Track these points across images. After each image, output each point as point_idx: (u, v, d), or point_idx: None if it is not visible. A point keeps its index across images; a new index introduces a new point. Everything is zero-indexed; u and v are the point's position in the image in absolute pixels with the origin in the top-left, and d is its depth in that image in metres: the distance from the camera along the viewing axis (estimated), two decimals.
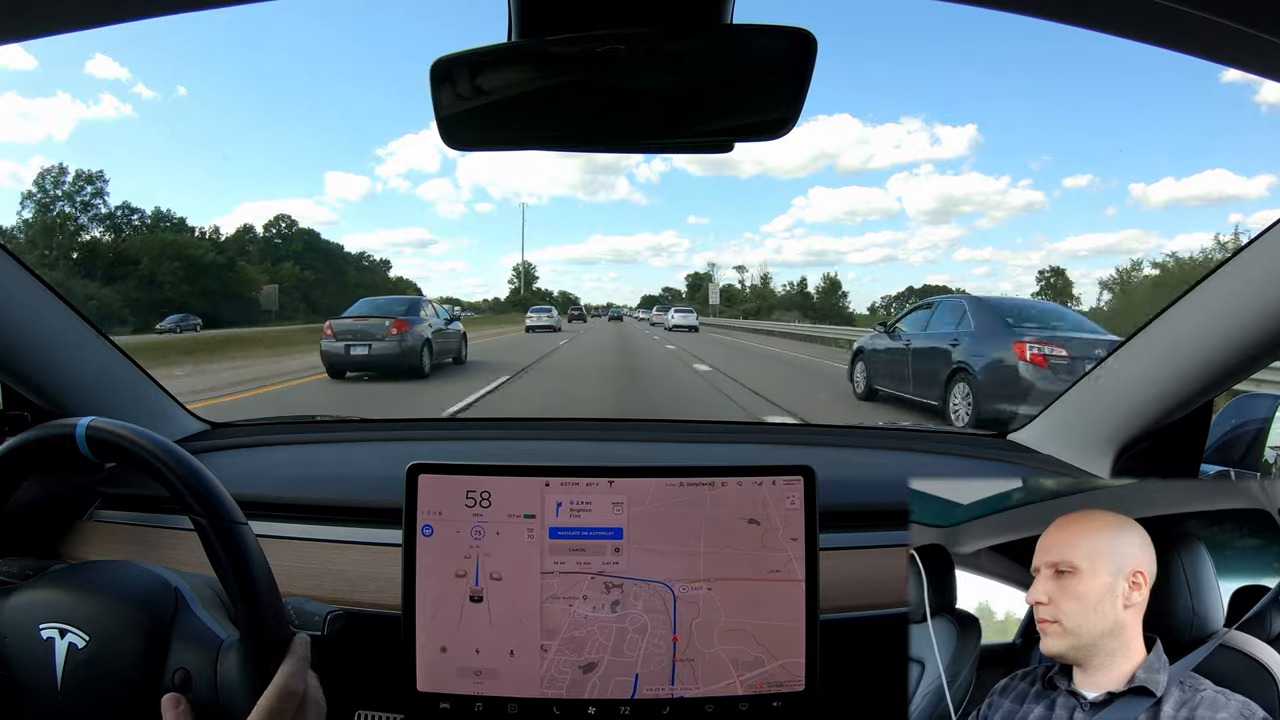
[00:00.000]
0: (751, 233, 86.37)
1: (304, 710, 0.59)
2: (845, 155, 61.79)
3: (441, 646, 0.70)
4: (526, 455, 1.17)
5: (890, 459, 1.21)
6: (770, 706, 0.70)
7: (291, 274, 38.69)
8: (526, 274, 68.43)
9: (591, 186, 69.95)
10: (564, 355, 13.79)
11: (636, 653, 0.70)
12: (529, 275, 68.91)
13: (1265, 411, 1.01)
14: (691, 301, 48.85)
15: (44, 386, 0.92)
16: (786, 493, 0.71)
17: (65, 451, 0.60)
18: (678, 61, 0.57)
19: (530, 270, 69.38)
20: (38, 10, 0.50)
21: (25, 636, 0.58)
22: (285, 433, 1.29)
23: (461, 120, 0.61)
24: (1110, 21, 0.49)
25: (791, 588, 0.71)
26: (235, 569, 0.58)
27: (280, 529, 0.88)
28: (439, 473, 0.71)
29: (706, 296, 55.83)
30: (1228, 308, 0.79)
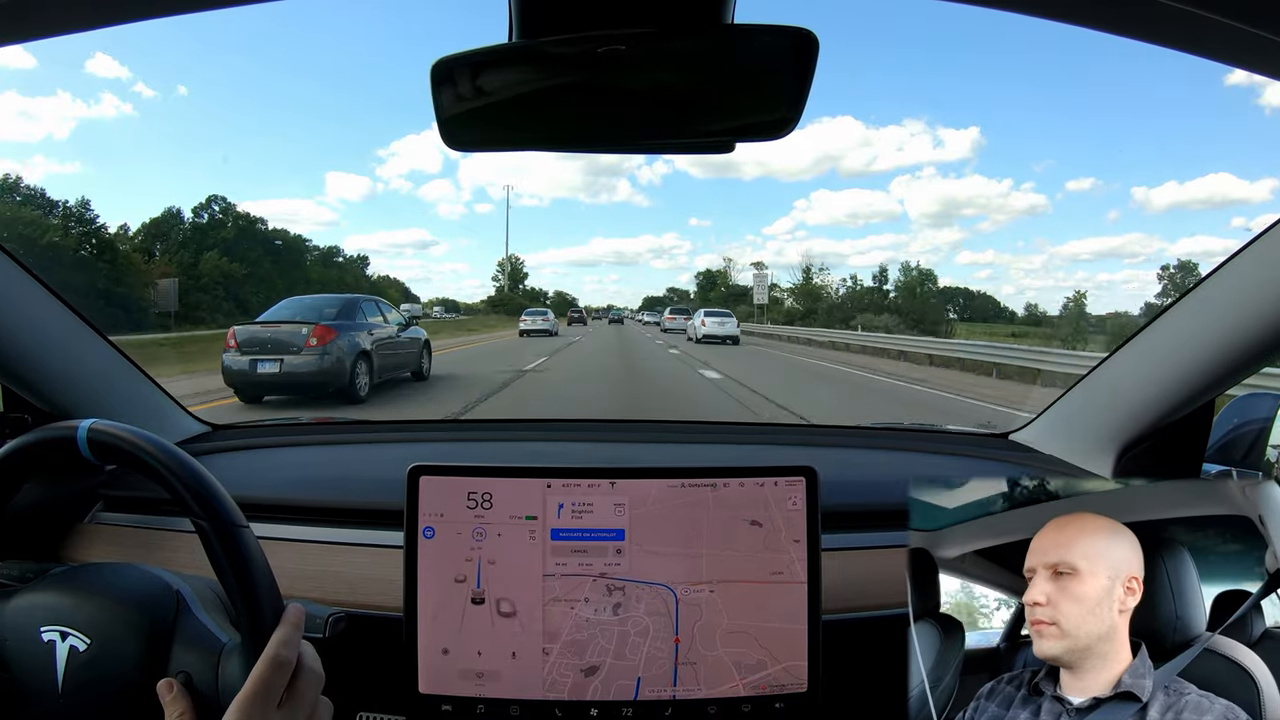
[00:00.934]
0: (753, 235, 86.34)
1: (298, 681, 0.57)
2: (848, 157, 61.65)
3: (443, 648, 0.69)
4: (528, 457, 1.17)
5: (892, 459, 1.21)
6: (773, 707, 0.70)
7: (215, 266, 30.00)
8: (514, 270, 58.58)
9: (593, 188, 69.58)
10: (552, 375, 10.45)
11: (638, 656, 0.69)
12: (516, 271, 58.81)
13: (1266, 411, 1.01)
14: (703, 304, 37.95)
15: (44, 389, 0.92)
16: (788, 493, 0.71)
17: (66, 454, 0.60)
18: (678, 61, 0.57)
19: (518, 266, 59.37)
20: (39, 12, 0.50)
21: (26, 639, 0.58)
22: (286, 435, 1.29)
23: (462, 121, 0.61)
24: (1113, 21, 0.49)
25: (794, 589, 0.70)
26: (236, 571, 0.58)
27: (281, 531, 0.88)
28: (440, 474, 0.71)
29: (721, 299, 43.63)
30: (1229, 308, 0.79)
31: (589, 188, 68.37)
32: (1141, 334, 0.94)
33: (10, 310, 0.85)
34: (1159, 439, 0.94)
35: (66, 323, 0.94)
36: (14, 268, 0.85)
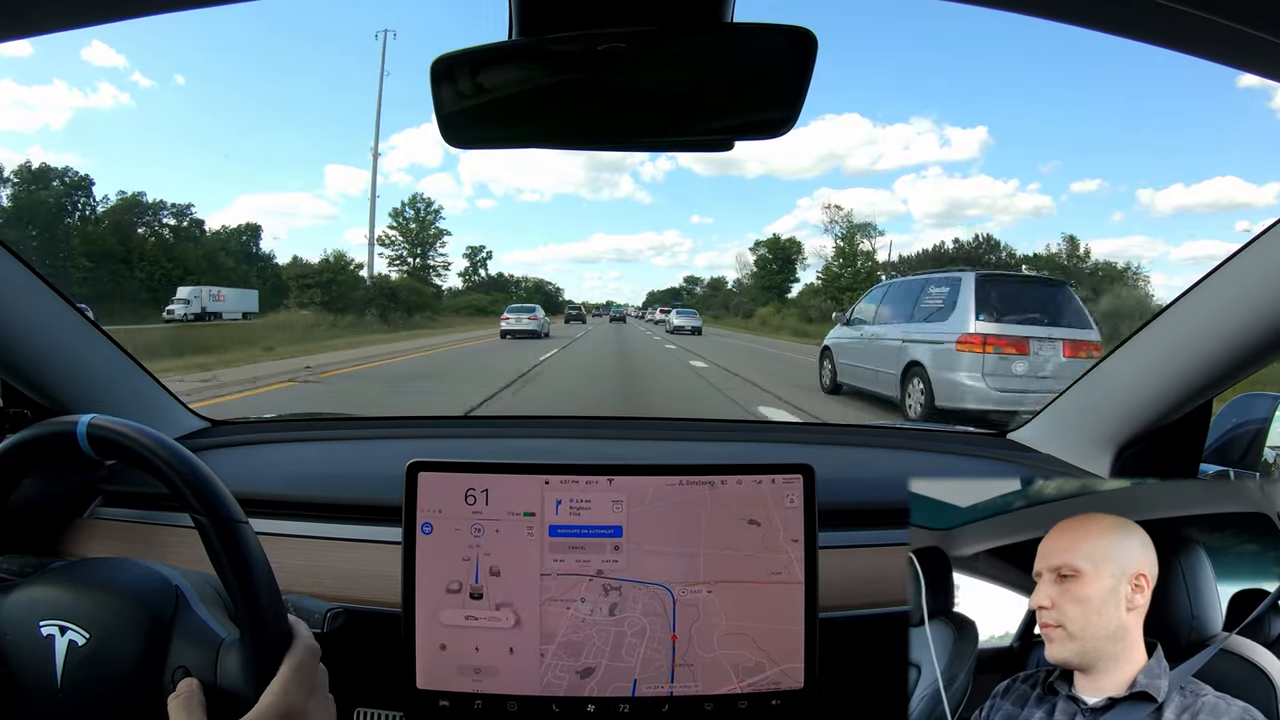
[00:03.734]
0: (755, 233, 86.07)
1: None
2: (853, 156, 60.89)
3: (441, 644, 0.70)
4: (526, 453, 1.17)
5: (890, 457, 1.21)
6: (769, 705, 0.70)
7: None
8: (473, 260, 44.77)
9: (595, 184, 68.81)
10: None
11: (635, 658, 0.69)
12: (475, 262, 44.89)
13: (1264, 411, 1.01)
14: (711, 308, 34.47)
15: (44, 384, 0.92)
16: (786, 491, 0.71)
17: (66, 449, 0.60)
18: (678, 60, 0.57)
19: (479, 259, 45.41)
20: (38, 7, 0.49)
21: (25, 634, 0.58)
22: (285, 431, 1.29)
23: (462, 119, 0.61)
24: (1114, 22, 0.49)
25: (793, 590, 0.70)
26: (235, 567, 0.58)
27: (280, 527, 0.88)
28: (439, 470, 0.71)
29: (725, 300, 38.58)
30: (1228, 307, 0.79)
31: (591, 183, 67.76)
32: (1140, 334, 0.94)
33: (10, 305, 0.85)
34: (1157, 439, 0.94)
35: (66, 318, 0.94)
36: (13, 262, 0.85)
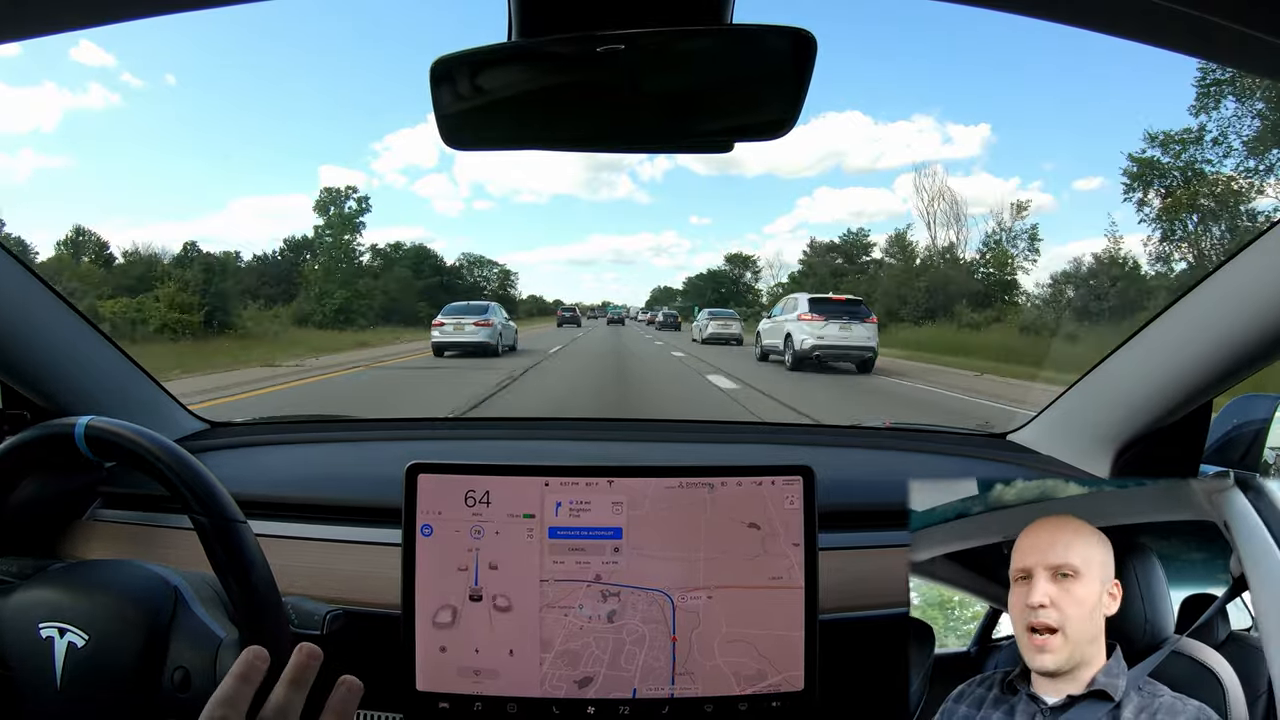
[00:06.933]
0: (754, 234, 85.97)
1: None
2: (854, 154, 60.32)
3: (440, 646, 0.69)
4: (526, 455, 1.17)
5: (890, 459, 1.21)
6: (769, 706, 0.70)
7: None
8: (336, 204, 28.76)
9: (593, 184, 68.50)
10: None
11: (634, 666, 0.68)
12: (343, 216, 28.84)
13: (1265, 412, 1.01)
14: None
15: (43, 385, 0.92)
16: (786, 493, 0.71)
17: (65, 450, 0.60)
18: (677, 61, 0.57)
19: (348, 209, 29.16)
20: (37, 9, 0.49)
21: (24, 635, 0.58)
22: (284, 432, 1.29)
23: (461, 120, 0.61)
24: (1114, 22, 0.49)
25: (793, 595, 0.70)
26: (234, 568, 0.58)
27: (279, 528, 0.88)
28: (438, 472, 0.71)
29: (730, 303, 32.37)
30: (1228, 307, 0.79)
31: (589, 183, 67.45)
32: (1140, 334, 0.94)
33: (10, 307, 0.85)
34: (1157, 439, 0.94)
35: (66, 320, 0.94)
36: (14, 265, 0.85)
